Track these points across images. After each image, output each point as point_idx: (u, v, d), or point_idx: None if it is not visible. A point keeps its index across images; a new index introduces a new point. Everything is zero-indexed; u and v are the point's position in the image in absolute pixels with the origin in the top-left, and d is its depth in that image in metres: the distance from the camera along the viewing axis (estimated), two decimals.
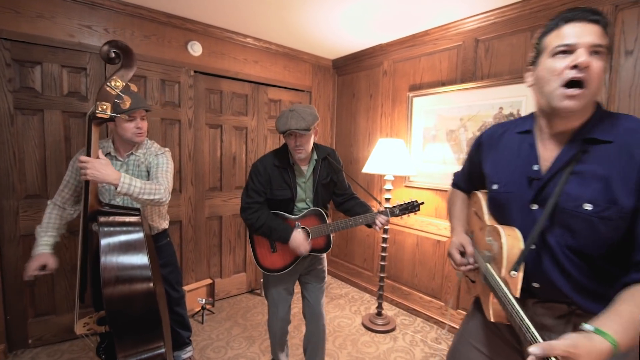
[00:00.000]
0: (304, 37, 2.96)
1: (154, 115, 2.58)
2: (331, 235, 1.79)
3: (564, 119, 0.83)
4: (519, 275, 0.83)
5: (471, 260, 1.03)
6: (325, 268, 1.96)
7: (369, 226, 1.77)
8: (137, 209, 1.45)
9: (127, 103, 1.33)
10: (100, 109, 1.24)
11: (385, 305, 3.05)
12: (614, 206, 0.75)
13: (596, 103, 0.85)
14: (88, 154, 1.30)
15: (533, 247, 0.86)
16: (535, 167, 0.88)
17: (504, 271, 0.85)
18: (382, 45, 3.05)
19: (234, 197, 3.10)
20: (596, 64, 0.76)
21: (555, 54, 0.80)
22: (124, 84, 1.30)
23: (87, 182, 1.31)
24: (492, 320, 0.92)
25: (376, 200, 1.87)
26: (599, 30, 0.78)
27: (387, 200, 2.64)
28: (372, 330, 2.63)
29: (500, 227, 0.90)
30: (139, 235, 1.38)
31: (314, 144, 1.80)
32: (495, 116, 2.34)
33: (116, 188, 1.42)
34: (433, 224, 2.74)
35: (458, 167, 1.31)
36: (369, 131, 3.28)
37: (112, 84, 1.27)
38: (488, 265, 0.92)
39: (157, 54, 2.56)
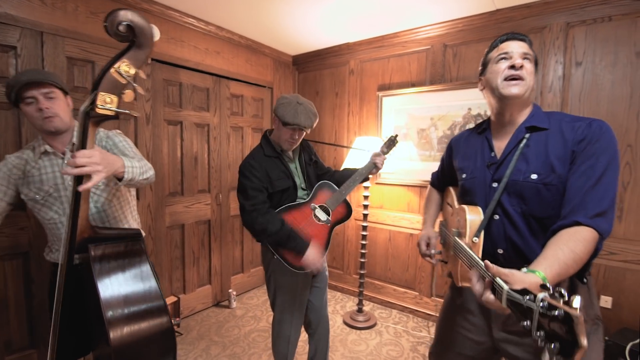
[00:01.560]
0: (267, 29, 2.81)
1: None
2: (348, 200, 1.74)
3: (512, 107, 1.05)
4: (480, 241, 1.04)
5: (433, 251, 1.29)
6: (327, 267, 1.90)
7: (364, 174, 1.74)
8: (138, 232, 1.20)
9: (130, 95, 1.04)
10: (101, 103, 0.97)
11: (356, 299, 3.09)
12: (553, 174, 0.97)
13: (533, 103, 1.10)
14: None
15: (497, 217, 1.05)
16: (492, 154, 1.11)
17: (467, 239, 1.05)
18: (349, 44, 3.07)
19: (196, 203, 2.79)
20: (528, 65, 1.02)
21: (498, 60, 1.06)
22: (135, 70, 1.02)
23: (77, 196, 1.02)
24: (459, 284, 1.11)
25: (362, 150, 1.84)
26: (526, 45, 1.05)
27: (366, 197, 2.67)
28: (356, 328, 2.64)
29: (465, 206, 1.11)
30: (146, 265, 1.15)
31: None
32: (464, 116, 2.55)
33: (120, 179, 1.17)
34: (405, 219, 2.87)
35: (424, 164, 1.46)
36: (336, 129, 3.27)
37: (122, 68, 0.99)
38: (457, 238, 1.12)
39: (106, 35, 2.14)
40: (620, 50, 2.02)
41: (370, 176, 1.80)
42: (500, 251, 1.05)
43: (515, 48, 1.04)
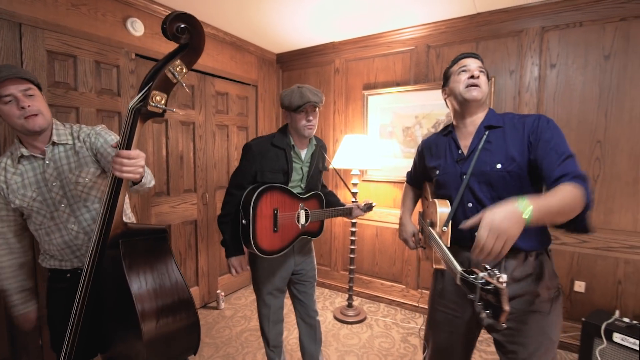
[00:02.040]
0: (252, 27, 2.79)
1: (88, 105, 2.07)
2: (324, 221, 1.81)
3: (471, 109, 1.24)
4: (448, 230, 1.21)
5: (419, 246, 1.49)
6: (316, 266, 1.91)
7: (342, 214, 1.86)
8: (164, 228, 1.20)
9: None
10: (153, 101, 0.99)
11: (344, 295, 3.15)
12: (513, 163, 1.14)
13: (488, 107, 1.29)
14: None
15: (470, 205, 1.20)
16: (459, 152, 1.28)
17: (438, 228, 1.22)
18: (335, 43, 3.11)
19: (182, 203, 2.72)
20: (482, 76, 1.22)
21: (459, 72, 1.25)
22: (186, 71, 1.04)
23: (116, 192, 1.02)
24: (434, 266, 1.29)
25: (352, 194, 2.14)
26: (479, 61, 1.26)
27: (355, 194, 2.72)
28: (347, 322, 2.69)
29: (436, 200, 1.27)
30: (172, 260, 1.18)
31: None
32: (447, 115, 2.66)
33: (135, 183, 1.14)
34: (392, 214, 2.95)
35: (409, 161, 1.62)
36: (321, 127, 3.30)
37: (176, 69, 1.01)
38: (430, 228, 1.29)
39: (89, 28, 2.06)
40: (590, 54, 2.19)
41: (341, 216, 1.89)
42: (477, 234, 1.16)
43: (472, 63, 1.24)
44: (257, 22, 2.68)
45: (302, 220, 1.68)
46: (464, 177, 1.23)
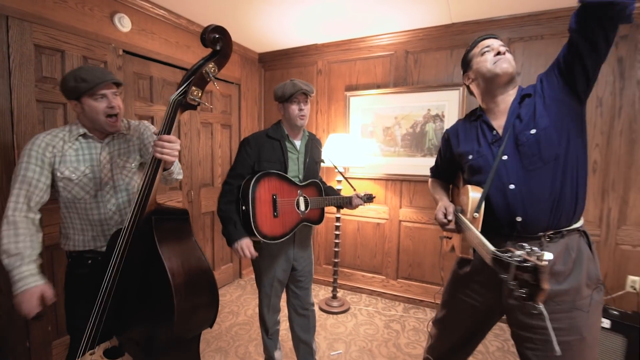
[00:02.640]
0: (236, 26, 2.83)
1: None
2: (324, 209, 1.90)
3: (503, 86, 1.21)
4: (480, 215, 1.16)
5: (450, 217, 1.29)
6: (313, 262, 2.01)
7: (340, 207, 1.96)
8: (186, 210, 1.30)
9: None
10: (192, 95, 1.16)
11: (328, 288, 3.28)
12: (542, 129, 1.11)
13: (519, 86, 1.25)
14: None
15: (512, 187, 1.13)
16: (494, 133, 1.23)
17: (468, 215, 1.18)
18: (317, 45, 3.22)
19: (168, 200, 2.72)
20: (507, 53, 1.21)
21: (483, 53, 1.23)
22: (218, 72, 1.20)
23: (155, 171, 1.15)
24: (460, 255, 1.29)
25: (352, 187, 2.18)
26: (500, 41, 1.25)
27: (339, 191, 2.85)
28: (332, 313, 2.82)
29: (468, 186, 1.22)
30: (193, 238, 1.28)
31: None
32: (424, 116, 2.86)
33: (167, 168, 1.30)
34: (372, 209, 3.12)
35: (388, 159, 1.66)
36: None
37: (210, 69, 1.17)
38: (459, 214, 1.25)
39: (76, 23, 2.02)
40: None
41: (341, 207, 1.97)
42: (519, 219, 1.12)
43: (494, 42, 1.23)
44: (244, 21, 2.73)
45: (302, 207, 1.76)
46: (505, 158, 1.17)
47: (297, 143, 1.80)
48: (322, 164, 2.03)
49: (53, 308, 2.01)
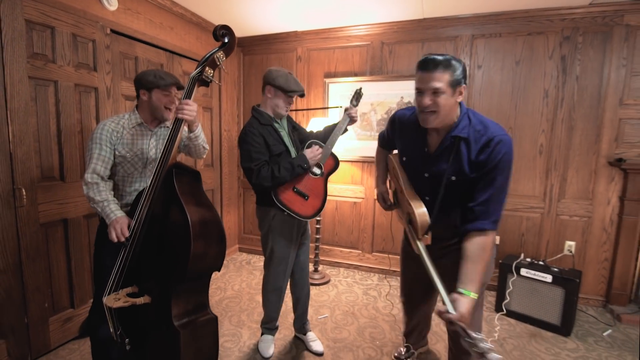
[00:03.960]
0: (217, 9, 2.88)
1: (66, 79, 2.03)
2: (334, 152, 2.04)
3: (432, 126, 1.30)
4: (429, 236, 1.38)
5: (389, 204, 1.74)
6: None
7: (345, 131, 2.08)
8: (198, 171, 1.56)
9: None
10: (206, 74, 1.45)
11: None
12: (465, 175, 1.28)
13: (458, 113, 1.29)
14: None
15: (427, 198, 1.41)
16: (425, 149, 1.39)
17: (420, 234, 1.37)
18: (298, 32, 3.34)
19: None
20: (438, 98, 1.21)
21: (417, 92, 1.28)
22: (225, 59, 1.52)
23: (177, 129, 1.41)
24: (416, 251, 1.42)
25: (336, 107, 2.37)
26: (437, 75, 1.20)
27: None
28: (315, 285, 3.04)
29: (414, 207, 1.37)
30: (206, 196, 1.52)
31: None
32: (398, 103, 3.12)
33: (192, 130, 1.62)
34: (350, 189, 3.36)
35: (364, 143, 1.82)
36: None
37: (220, 56, 1.48)
38: (409, 225, 1.49)
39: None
40: (506, 59, 2.81)
41: (348, 127, 2.09)
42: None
43: (427, 84, 1.21)
44: (226, 5, 2.78)
45: (317, 171, 1.95)
46: (425, 175, 1.40)
47: (283, 122, 1.97)
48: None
49: (49, 285, 2.03)
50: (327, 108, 2.41)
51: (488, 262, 1.24)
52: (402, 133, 1.52)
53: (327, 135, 2.05)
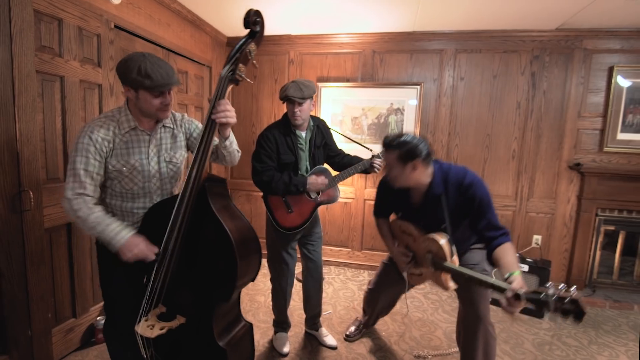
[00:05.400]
0: (210, 6, 2.84)
1: (72, 74, 1.92)
2: (338, 187, 2.15)
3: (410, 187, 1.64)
4: (455, 258, 1.60)
5: (406, 260, 1.83)
6: (321, 226, 2.30)
7: (366, 171, 2.08)
8: (225, 179, 1.44)
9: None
10: (239, 71, 1.25)
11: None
12: (454, 219, 1.60)
13: (432, 173, 1.60)
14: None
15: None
16: (412, 203, 1.73)
17: (448, 258, 1.56)
18: (290, 36, 3.40)
19: None
20: (401, 170, 1.56)
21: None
22: (256, 51, 1.29)
23: (212, 135, 1.25)
24: (453, 288, 1.64)
25: (367, 148, 2.48)
26: (395, 152, 1.55)
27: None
28: None
29: (437, 240, 1.57)
30: (232, 202, 1.41)
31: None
32: (388, 109, 3.32)
33: (227, 137, 1.40)
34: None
35: (356, 146, 2.32)
36: (275, 113, 3.57)
37: (252, 49, 1.26)
38: (435, 259, 1.62)
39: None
40: (484, 73, 3.13)
41: (367, 172, 2.13)
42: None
43: (388, 159, 1.59)
44: (224, 3, 2.76)
45: (312, 195, 2.04)
46: (421, 222, 1.70)
47: (303, 134, 2.03)
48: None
49: (52, 293, 1.90)
50: (359, 144, 2.56)
51: (516, 256, 1.48)
52: (389, 194, 1.81)
53: (343, 164, 2.17)
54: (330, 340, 2.24)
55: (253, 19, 1.22)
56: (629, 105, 2.91)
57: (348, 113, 3.41)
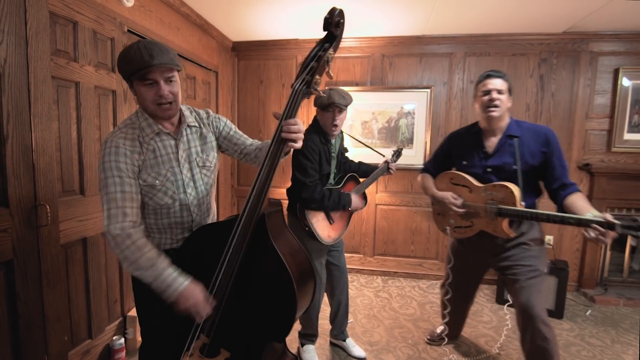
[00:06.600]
0: (218, 11, 2.78)
1: (87, 80, 1.81)
2: (365, 192, 2.15)
3: (493, 121, 1.71)
4: (523, 203, 1.68)
5: (459, 202, 1.83)
6: None
7: (378, 176, 2.20)
8: (280, 201, 1.28)
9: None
10: (316, 84, 1.06)
11: None
12: (526, 165, 1.67)
13: (509, 117, 1.75)
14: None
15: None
16: (485, 150, 1.78)
17: (518, 204, 1.64)
18: (298, 40, 3.35)
19: None
20: (502, 96, 1.67)
21: (482, 95, 1.71)
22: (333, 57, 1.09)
23: (279, 156, 1.07)
24: (508, 233, 1.70)
25: (380, 154, 2.49)
26: (500, 80, 1.68)
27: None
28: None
29: (505, 183, 1.66)
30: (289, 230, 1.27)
31: None
32: (398, 113, 3.30)
33: (286, 153, 1.18)
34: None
35: (367, 150, 2.46)
36: None
37: (331, 55, 1.06)
38: (500, 205, 1.68)
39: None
40: None
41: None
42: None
43: (492, 84, 1.66)
44: (233, 7, 2.69)
45: None
46: (488, 170, 1.75)
47: (333, 142, 1.99)
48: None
49: (68, 314, 1.77)
50: (372, 149, 2.57)
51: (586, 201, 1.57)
52: (459, 144, 1.90)
53: (362, 172, 2.21)
54: (358, 351, 2.17)
55: (336, 20, 1.03)
56: (635, 106, 2.98)
57: (358, 117, 3.38)
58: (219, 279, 1.09)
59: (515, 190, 1.64)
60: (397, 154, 2.29)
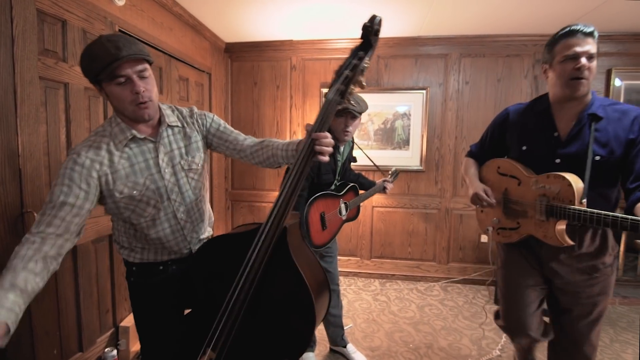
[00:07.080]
0: (214, 11, 2.72)
1: (77, 81, 1.74)
2: (359, 206, 2.15)
3: (576, 98, 1.23)
4: (585, 202, 1.21)
5: (492, 200, 1.44)
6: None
7: (375, 193, 2.27)
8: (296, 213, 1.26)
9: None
10: (350, 94, 1.00)
11: None
12: (612, 155, 1.21)
13: (591, 91, 1.26)
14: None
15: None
16: (555, 134, 1.30)
17: (577, 202, 1.19)
18: (292, 41, 3.31)
19: None
20: (592, 64, 1.18)
21: (565, 60, 1.20)
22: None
23: (306, 168, 0.99)
24: (562, 241, 1.24)
25: (381, 171, 2.50)
26: (591, 41, 1.18)
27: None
28: None
29: (561, 173, 1.22)
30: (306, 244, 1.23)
31: None
32: (394, 114, 3.28)
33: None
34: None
35: (358, 152, 2.20)
36: (277, 120, 3.45)
37: (366, 65, 1.01)
38: (553, 202, 1.25)
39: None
40: (489, 77, 3.16)
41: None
42: (583, 201, 1.25)
43: (581, 47, 1.16)
44: (226, 7, 2.63)
45: (343, 212, 1.97)
46: (557, 161, 1.27)
47: (341, 149, 1.93)
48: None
49: (58, 327, 1.68)
50: (377, 166, 2.60)
51: None
52: (519, 124, 1.42)
53: (355, 180, 2.20)
54: (359, 357, 2.12)
55: (376, 29, 1.00)
56: None
57: None
58: (235, 294, 1.00)
59: (575, 182, 1.20)
60: (395, 174, 2.34)
